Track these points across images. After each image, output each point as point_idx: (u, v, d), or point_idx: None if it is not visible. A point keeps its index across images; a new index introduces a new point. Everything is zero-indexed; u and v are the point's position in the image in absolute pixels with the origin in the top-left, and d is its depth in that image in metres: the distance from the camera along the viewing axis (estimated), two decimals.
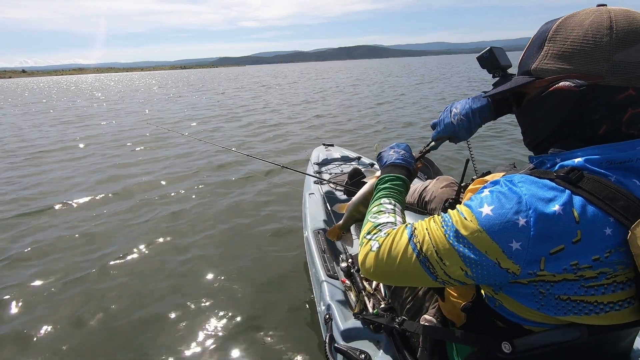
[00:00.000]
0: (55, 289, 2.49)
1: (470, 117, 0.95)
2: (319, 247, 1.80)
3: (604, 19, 0.59)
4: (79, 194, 4.29)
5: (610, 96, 0.58)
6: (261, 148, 6.37)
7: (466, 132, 0.97)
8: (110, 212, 3.75)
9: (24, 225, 3.53)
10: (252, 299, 2.28)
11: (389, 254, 0.67)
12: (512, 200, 0.57)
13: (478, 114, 0.95)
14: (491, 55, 0.87)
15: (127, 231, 3.32)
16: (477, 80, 18.53)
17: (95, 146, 7.04)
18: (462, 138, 1.00)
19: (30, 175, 5.23)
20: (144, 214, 3.67)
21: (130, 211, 3.77)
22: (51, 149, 6.97)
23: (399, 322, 0.99)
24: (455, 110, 0.97)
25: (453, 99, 11.30)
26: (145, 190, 4.40)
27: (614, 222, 0.55)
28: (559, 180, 0.58)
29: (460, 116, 0.96)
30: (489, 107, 0.95)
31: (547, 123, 0.65)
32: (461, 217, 0.61)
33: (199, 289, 2.41)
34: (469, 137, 1.00)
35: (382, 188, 0.84)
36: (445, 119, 0.99)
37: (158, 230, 3.30)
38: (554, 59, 0.63)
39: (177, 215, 3.61)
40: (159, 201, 4.02)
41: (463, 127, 0.96)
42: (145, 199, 4.08)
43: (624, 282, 0.58)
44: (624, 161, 0.58)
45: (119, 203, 4.01)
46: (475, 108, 0.95)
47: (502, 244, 0.56)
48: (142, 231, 3.30)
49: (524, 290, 0.62)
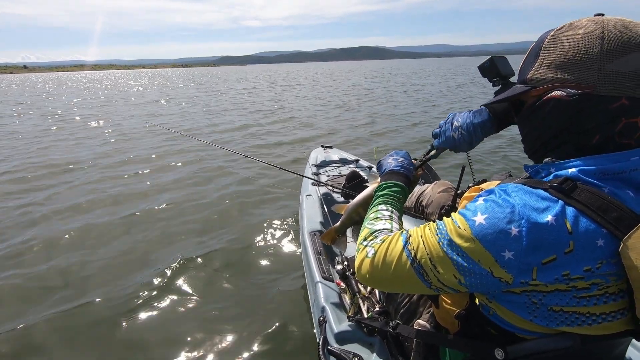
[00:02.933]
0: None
1: (472, 132, 0.94)
2: (314, 249, 1.80)
3: (597, 29, 0.59)
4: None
5: (603, 105, 0.59)
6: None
7: (467, 145, 0.97)
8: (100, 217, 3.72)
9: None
10: (245, 299, 2.27)
11: (384, 261, 0.67)
12: (505, 209, 0.57)
13: (480, 128, 0.94)
14: (491, 64, 0.87)
15: (124, 228, 3.32)
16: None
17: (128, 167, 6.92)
18: (462, 150, 0.99)
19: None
20: (133, 209, 3.66)
21: (126, 210, 3.76)
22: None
23: (393, 325, 0.99)
24: (457, 123, 0.96)
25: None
26: (141, 194, 4.39)
27: (607, 233, 0.55)
28: (552, 191, 0.58)
29: (461, 130, 0.95)
30: (490, 120, 0.94)
31: (541, 132, 0.66)
32: (455, 226, 0.62)
33: (190, 289, 2.40)
34: (468, 148, 0.99)
35: (380, 195, 0.85)
36: (446, 132, 0.98)
37: (153, 227, 3.29)
38: (548, 69, 0.64)
39: (171, 212, 3.60)
40: (147, 198, 4.01)
41: (464, 140, 0.95)
42: (137, 203, 4.07)
43: (616, 293, 0.58)
44: (617, 172, 0.58)
45: (109, 209, 4.00)
46: (476, 123, 0.94)
47: (495, 253, 0.57)
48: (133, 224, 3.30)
49: (517, 299, 0.62)
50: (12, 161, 5.82)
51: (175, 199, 3.99)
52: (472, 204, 0.63)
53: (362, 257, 0.72)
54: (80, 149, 6.69)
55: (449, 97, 13.49)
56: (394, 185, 0.86)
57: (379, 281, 0.70)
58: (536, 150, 0.69)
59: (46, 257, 2.85)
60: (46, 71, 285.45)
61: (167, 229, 3.28)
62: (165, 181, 4.62)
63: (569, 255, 0.55)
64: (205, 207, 3.75)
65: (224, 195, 4.05)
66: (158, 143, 6.95)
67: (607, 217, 0.55)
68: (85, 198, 4.06)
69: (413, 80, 23.12)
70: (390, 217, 0.79)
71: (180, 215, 3.57)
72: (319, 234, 1.93)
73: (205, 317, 2.13)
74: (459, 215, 0.63)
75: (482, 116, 0.94)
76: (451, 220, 0.63)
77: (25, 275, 2.61)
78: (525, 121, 0.70)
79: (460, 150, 0.99)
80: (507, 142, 5.89)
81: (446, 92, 15.30)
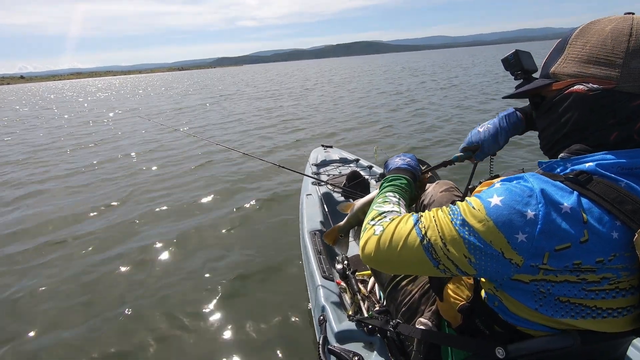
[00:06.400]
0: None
1: (497, 123, 0.99)
2: (315, 248, 1.79)
3: (626, 26, 0.59)
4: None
5: (623, 102, 0.59)
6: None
7: (492, 139, 1.00)
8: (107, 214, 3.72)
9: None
10: (245, 298, 2.26)
11: (392, 238, 0.66)
12: (523, 192, 0.57)
13: (505, 118, 0.98)
14: (515, 58, 0.88)
15: (125, 229, 3.31)
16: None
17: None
18: (487, 148, 1.03)
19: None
20: (136, 209, 3.65)
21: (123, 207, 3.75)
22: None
23: (393, 324, 0.98)
24: (483, 123, 1.05)
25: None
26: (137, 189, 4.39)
27: (621, 225, 0.55)
28: (567, 183, 0.58)
29: (487, 125, 1.02)
30: (517, 116, 0.98)
31: (560, 126, 0.66)
32: (469, 207, 0.61)
33: (191, 289, 2.39)
34: (495, 146, 1.02)
35: (387, 185, 0.86)
36: (472, 131, 1.05)
37: (151, 226, 3.29)
38: (572, 63, 0.64)
39: (169, 213, 3.60)
40: (152, 199, 4.00)
41: (489, 133, 1.00)
42: (134, 193, 4.06)
43: (627, 289, 0.58)
44: (635, 167, 0.58)
45: (117, 209, 3.99)
46: (502, 114, 0.99)
47: (508, 235, 0.56)
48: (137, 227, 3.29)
49: (525, 287, 0.61)
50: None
51: (174, 197, 3.99)
52: (489, 189, 0.63)
53: (369, 235, 0.70)
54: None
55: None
56: (400, 177, 0.87)
57: (383, 260, 0.68)
58: (552, 145, 0.69)
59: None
60: (44, 80, 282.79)
61: (157, 224, 3.28)
62: (167, 178, 4.62)
63: (584, 245, 0.54)
64: (201, 205, 3.75)
65: (223, 194, 4.05)
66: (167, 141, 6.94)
67: (622, 208, 0.55)
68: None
69: (441, 74, 20.84)
70: (398, 203, 0.78)
71: (174, 212, 3.57)
72: (319, 233, 1.93)
73: (198, 314, 2.12)
74: (474, 198, 0.62)
75: (509, 110, 0.99)
76: (466, 203, 0.63)
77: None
78: (544, 115, 0.70)
79: (484, 150, 1.03)
80: (526, 149, 5.50)
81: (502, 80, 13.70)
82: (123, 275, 2.58)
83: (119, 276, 2.58)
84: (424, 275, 1.03)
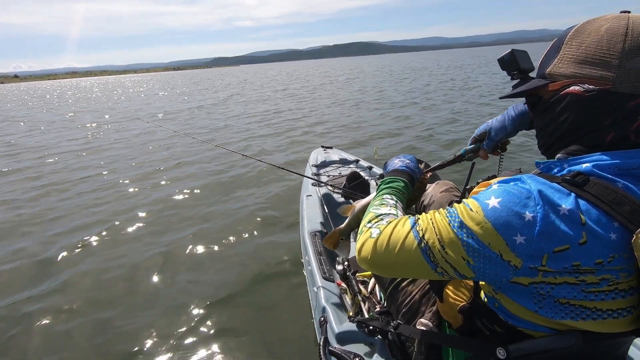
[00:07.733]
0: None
1: (505, 114, 1.00)
2: (315, 249, 1.80)
3: (621, 26, 0.59)
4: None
5: (619, 103, 0.58)
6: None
7: (499, 124, 1.00)
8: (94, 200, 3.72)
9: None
10: (247, 300, 2.26)
11: (389, 241, 0.66)
12: (521, 194, 0.57)
13: (513, 108, 0.99)
14: (511, 57, 0.87)
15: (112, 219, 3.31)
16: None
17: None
18: (494, 134, 1.00)
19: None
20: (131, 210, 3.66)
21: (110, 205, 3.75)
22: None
23: (394, 325, 0.98)
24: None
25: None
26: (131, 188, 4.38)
27: (619, 227, 0.55)
28: (564, 184, 0.58)
29: (496, 117, 1.03)
30: (525, 105, 0.97)
31: (556, 127, 0.66)
32: (467, 209, 0.61)
33: (191, 290, 2.39)
34: (502, 131, 1.00)
35: (385, 187, 0.86)
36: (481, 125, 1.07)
37: (150, 225, 3.29)
38: (568, 63, 0.64)
39: (169, 212, 3.60)
40: (153, 199, 4.01)
41: (497, 120, 1.01)
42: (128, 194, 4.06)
43: (626, 290, 0.58)
44: (632, 168, 0.58)
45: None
46: (511, 107, 1.00)
47: (506, 237, 0.56)
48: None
49: (524, 290, 0.61)
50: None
51: (173, 197, 3.99)
52: (486, 190, 0.62)
53: (366, 237, 0.70)
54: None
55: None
56: (397, 180, 0.87)
57: (380, 263, 0.67)
58: (550, 145, 0.69)
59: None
60: (38, 79, 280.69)
61: (159, 224, 3.28)
62: (166, 179, 4.62)
63: (583, 247, 0.54)
64: (202, 205, 3.75)
65: (222, 194, 4.05)
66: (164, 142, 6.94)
67: (620, 210, 0.55)
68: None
69: (446, 74, 20.33)
70: (395, 206, 0.78)
71: (174, 211, 3.57)
72: (320, 235, 1.93)
73: (200, 316, 2.12)
74: (472, 199, 0.62)
75: (517, 102, 1.00)
76: (463, 205, 0.62)
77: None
78: (541, 116, 0.70)
79: (493, 136, 1.01)
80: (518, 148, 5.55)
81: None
82: (123, 276, 2.58)
83: (119, 278, 2.57)
84: (422, 278, 1.03)
